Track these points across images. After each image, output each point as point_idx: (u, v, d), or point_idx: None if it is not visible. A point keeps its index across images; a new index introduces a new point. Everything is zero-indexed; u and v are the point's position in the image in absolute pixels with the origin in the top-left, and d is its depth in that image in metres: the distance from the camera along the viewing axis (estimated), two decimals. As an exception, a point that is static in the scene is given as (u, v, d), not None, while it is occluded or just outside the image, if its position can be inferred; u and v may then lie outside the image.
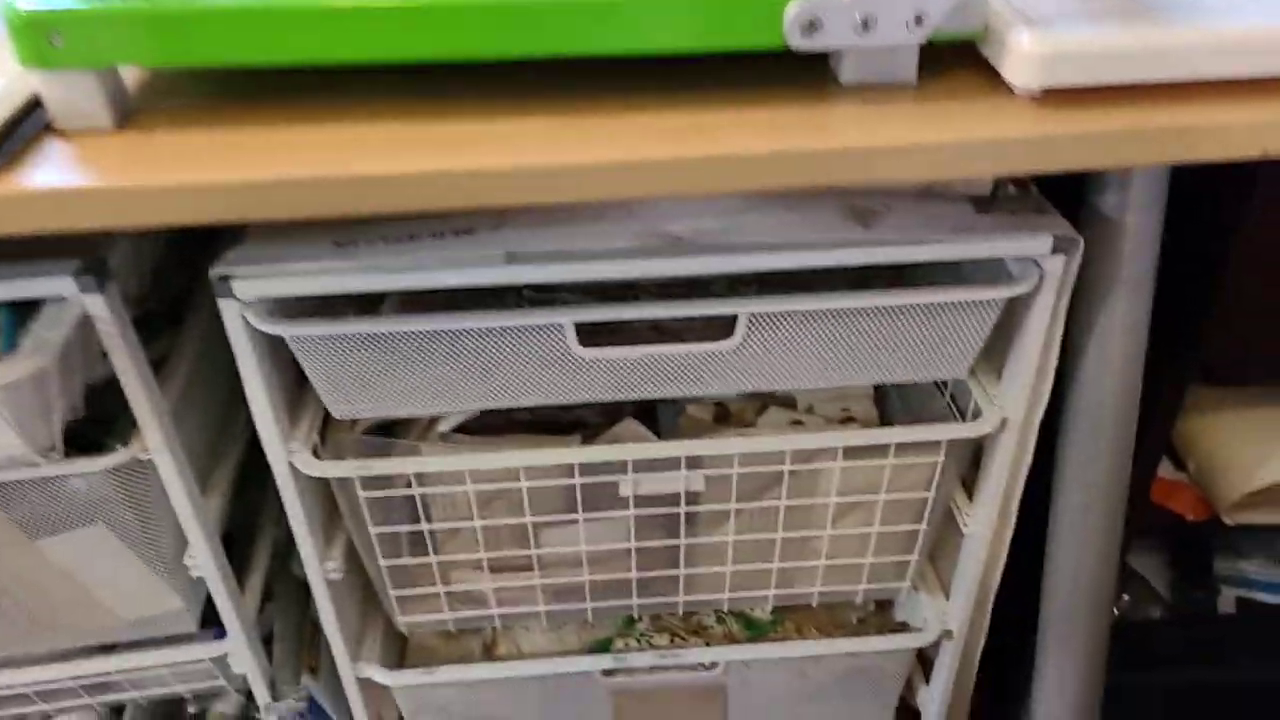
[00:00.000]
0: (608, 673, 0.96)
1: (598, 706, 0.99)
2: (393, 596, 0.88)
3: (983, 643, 0.98)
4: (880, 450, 0.79)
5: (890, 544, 0.87)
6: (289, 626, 1.01)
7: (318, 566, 0.83)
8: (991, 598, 0.92)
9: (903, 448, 0.78)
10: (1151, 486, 0.95)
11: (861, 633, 1.01)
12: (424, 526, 0.82)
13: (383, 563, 0.84)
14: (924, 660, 1.04)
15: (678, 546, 0.85)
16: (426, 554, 0.84)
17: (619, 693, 0.98)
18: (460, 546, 0.85)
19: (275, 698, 0.97)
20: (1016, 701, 1.11)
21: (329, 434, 0.79)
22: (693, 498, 0.81)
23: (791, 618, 0.99)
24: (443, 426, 0.83)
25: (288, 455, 0.75)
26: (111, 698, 1.01)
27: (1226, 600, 1.14)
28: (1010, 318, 0.74)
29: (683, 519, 0.82)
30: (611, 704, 0.99)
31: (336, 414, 0.74)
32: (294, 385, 0.77)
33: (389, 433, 0.83)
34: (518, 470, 0.77)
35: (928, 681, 1.04)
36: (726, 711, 1.02)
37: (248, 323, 0.65)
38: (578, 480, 0.78)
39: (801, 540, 0.86)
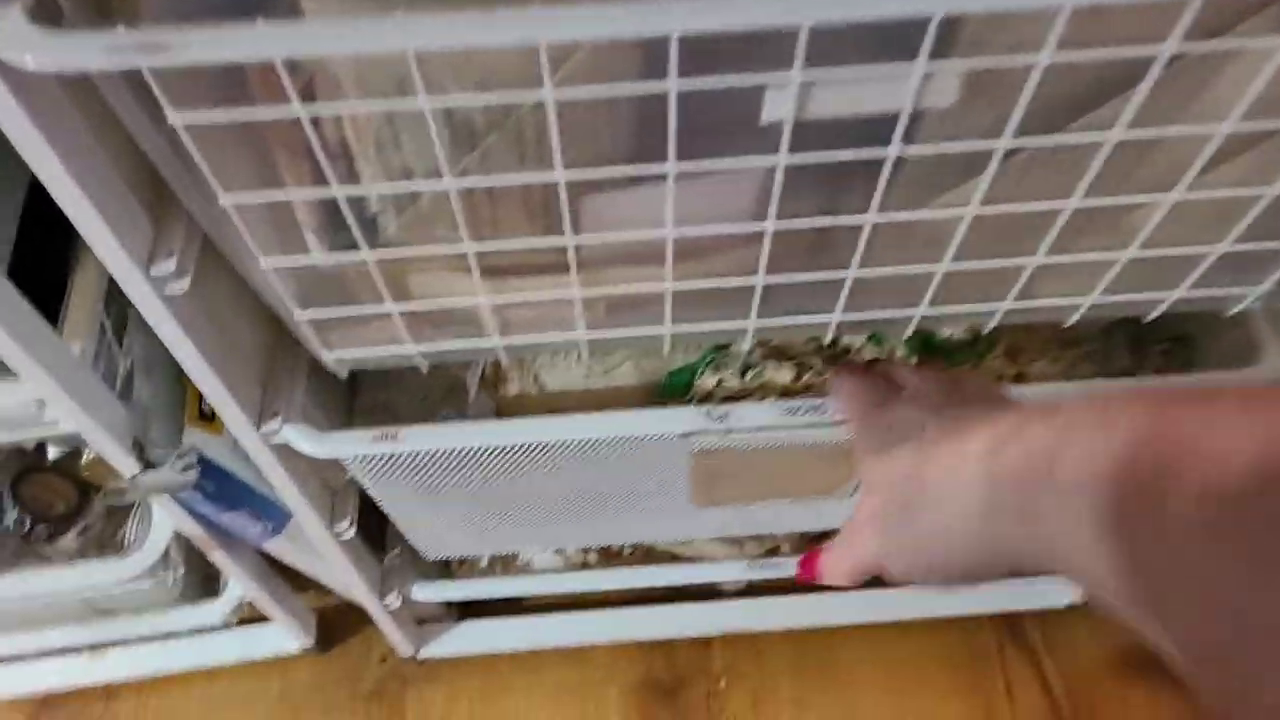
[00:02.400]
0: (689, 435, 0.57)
1: (669, 472, 0.62)
2: (301, 322, 0.46)
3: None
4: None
5: (1271, 214, 0.44)
6: (158, 360, 0.61)
7: (139, 274, 0.41)
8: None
9: None
10: None
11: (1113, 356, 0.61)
12: (332, 190, 0.38)
13: (265, 264, 0.41)
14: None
15: (856, 229, 0.42)
16: (351, 240, 0.41)
17: (704, 455, 0.60)
18: (425, 227, 0.42)
19: (146, 464, 0.60)
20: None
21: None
22: (913, 126, 0.37)
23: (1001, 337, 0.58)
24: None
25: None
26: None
27: None
28: None
29: (888, 169, 0.39)
30: (689, 469, 0.62)
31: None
32: None
33: None
34: (529, 59, 0.33)
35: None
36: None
37: None
38: (674, 85, 0.34)
39: (1105, 213, 0.43)
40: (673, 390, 0.59)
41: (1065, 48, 0.33)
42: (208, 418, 0.63)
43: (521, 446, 0.55)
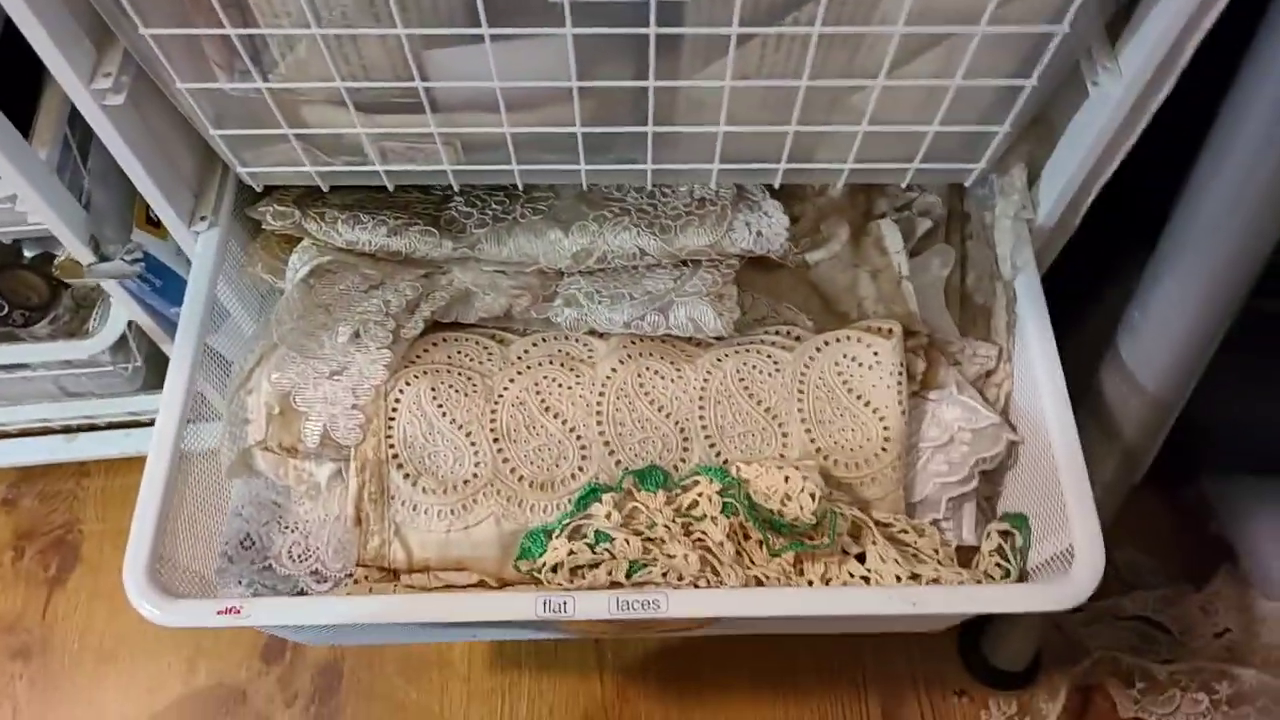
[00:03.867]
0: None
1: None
2: (216, 138, 0.59)
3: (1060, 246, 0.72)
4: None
5: (973, 103, 0.56)
6: (112, 172, 0.74)
7: (80, 85, 0.53)
8: (1094, 193, 0.64)
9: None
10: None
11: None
12: (230, 31, 0.50)
13: (180, 85, 0.54)
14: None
15: (644, 90, 0.55)
16: (249, 75, 0.54)
17: None
18: (304, 68, 0.54)
19: (100, 256, 0.73)
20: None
21: None
22: (670, 12, 0.49)
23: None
24: None
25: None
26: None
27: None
28: None
29: (653, 46, 0.51)
30: None
31: None
32: None
33: None
34: (369, -58, 0.45)
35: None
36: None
37: None
38: (475, -32, 0.46)
39: (836, 93, 0.55)
40: (528, 554, 0.63)
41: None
42: (154, 224, 0.76)
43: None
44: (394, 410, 0.65)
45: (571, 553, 0.61)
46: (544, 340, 0.69)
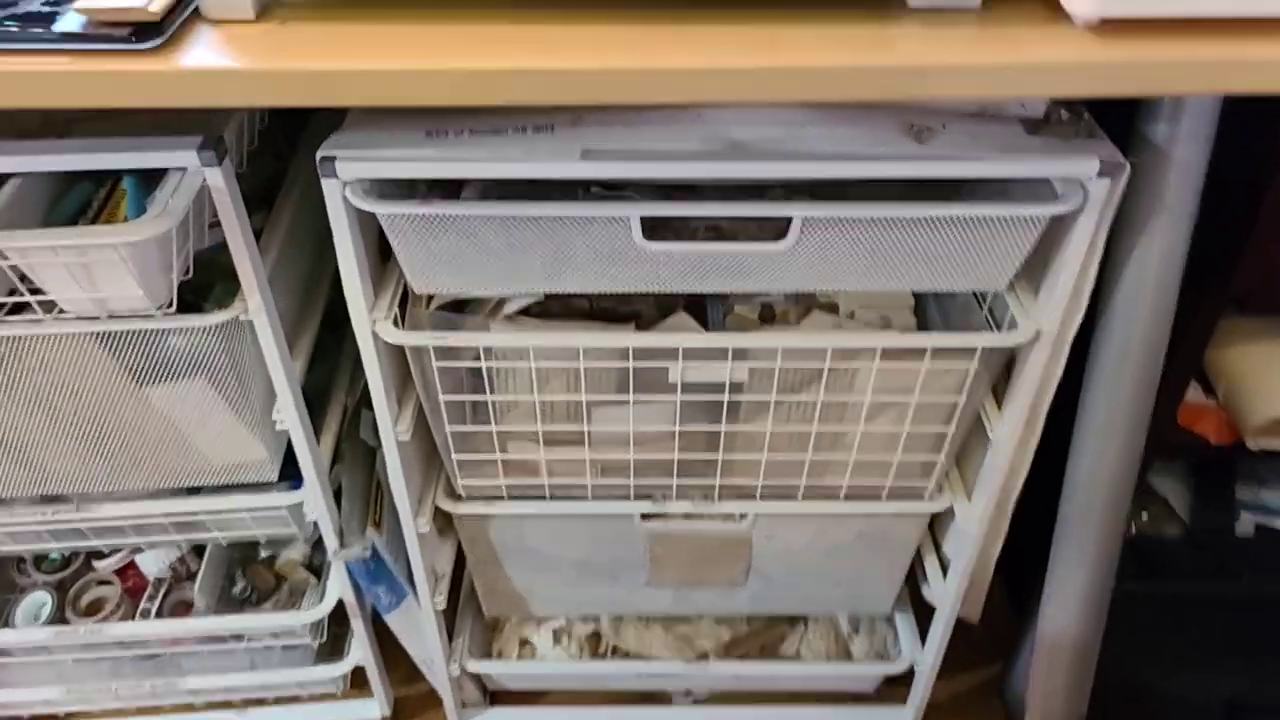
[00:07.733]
0: (646, 517, 1.04)
1: (634, 547, 1.07)
2: (455, 461, 0.96)
3: (999, 546, 1.04)
4: (916, 354, 0.84)
5: (919, 444, 0.93)
6: (356, 485, 1.10)
7: (390, 428, 0.91)
8: (1012, 503, 0.98)
9: (938, 352, 0.83)
10: (1179, 409, 0.99)
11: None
12: (488, 397, 0.89)
13: (449, 429, 0.92)
14: (944, 561, 1.11)
15: (718, 432, 0.92)
16: (488, 423, 0.92)
17: (655, 537, 1.06)
18: (519, 418, 0.92)
19: (343, 545, 1.07)
20: (1032, 604, 1.18)
21: (407, 308, 0.86)
22: (736, 387, 0.87)
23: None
24: (509, 308, 0.89)
25: (372, 324, 0.82)
26: (196, 536, 1.11)
27: (1245, 525, 1.16)
28: (1052, 236, 0.78)
29: (725, 407, 0.89)
30: (647, 546, 1.07)
31: (417, 288, 0.81)
32: (377, 262, 0.84)
33: (459, 311, 0.89)
34: (576, 350, 0.84)
35: (945, 576, 1.11)
36: (750, 560, 1.09)
37: (347, 201, 0.71)
38: (631, 364, 0.85)
39: (834, 434, 0.92)
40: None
41: (787, 359, 0.84)
42: (376, 525, 1.11)
43: (552, 516, 1.02)
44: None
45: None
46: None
